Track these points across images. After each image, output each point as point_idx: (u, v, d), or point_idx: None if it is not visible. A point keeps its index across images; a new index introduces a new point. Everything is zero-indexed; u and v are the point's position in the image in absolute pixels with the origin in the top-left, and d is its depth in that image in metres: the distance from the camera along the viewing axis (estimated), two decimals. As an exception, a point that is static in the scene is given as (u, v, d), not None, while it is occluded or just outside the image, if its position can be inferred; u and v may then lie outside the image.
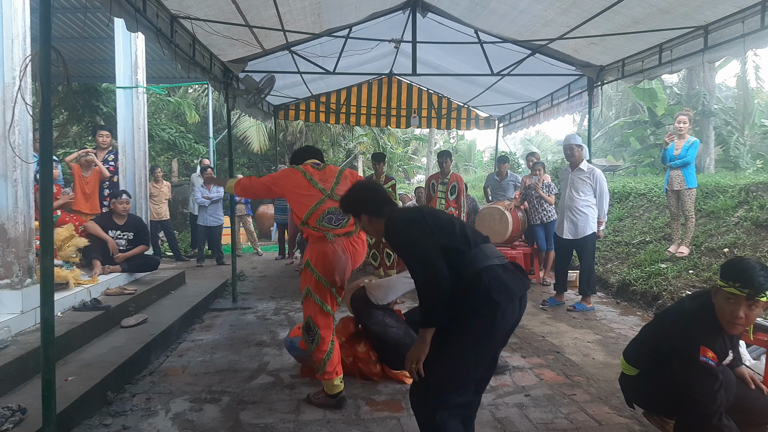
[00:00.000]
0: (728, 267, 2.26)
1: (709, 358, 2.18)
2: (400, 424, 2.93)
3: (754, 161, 18.00)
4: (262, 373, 3.75)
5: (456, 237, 2.18)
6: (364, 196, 2.46)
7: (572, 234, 5.49)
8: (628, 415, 2.99)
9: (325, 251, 3.06)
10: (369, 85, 9.43)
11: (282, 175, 3.28)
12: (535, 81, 7.14)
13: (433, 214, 2.27)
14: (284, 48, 5.92)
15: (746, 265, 2.19)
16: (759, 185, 6.74)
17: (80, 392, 2.98)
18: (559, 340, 4.50)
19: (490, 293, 2.06)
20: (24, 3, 3.81)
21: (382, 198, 2.42)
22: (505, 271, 2.16)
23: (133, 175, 6.29)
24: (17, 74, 3.63)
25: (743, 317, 2.19)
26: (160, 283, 5.62)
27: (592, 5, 4.52)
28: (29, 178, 3.90)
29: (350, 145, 19.29)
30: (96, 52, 8.19)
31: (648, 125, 18.04)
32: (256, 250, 10.36)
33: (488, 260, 2.14)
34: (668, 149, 6.22)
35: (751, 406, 2.41)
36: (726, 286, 2.20)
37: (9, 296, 3.65)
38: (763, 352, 3.18)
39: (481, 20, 5.68)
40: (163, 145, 13.11)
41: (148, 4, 3.75)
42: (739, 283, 2.16)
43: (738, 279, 2.17)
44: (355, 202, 2.47)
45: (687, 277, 5.57)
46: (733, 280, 2.18)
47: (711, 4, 4.12)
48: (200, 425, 2.94)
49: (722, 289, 2.22)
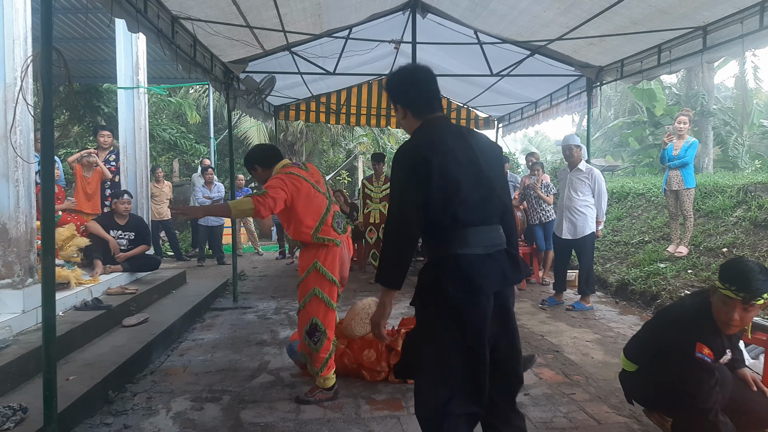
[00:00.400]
0: (727, 269, 2.25)
1: (705, 354, 2.20)
2: (400, 423, 2.94)
3: (753, 161, 18.04)
4: (262, 372, 3.77)
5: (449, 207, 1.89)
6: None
7: (571, 234, 5.51)
8: (627, 414, 3.01)
9: (335, 253, 3.14)
10: (369, 86, 9.44)
11: (293, 187, 2.98)
12: (535, 81, 7.15)
13: (445, 168, 1.89)
14: (285, 49, 5.94)
15: (744, 268, 2.19)
16: (757, 185, 6.76)
17: (81, 391, 2.99)
18: (558, 339, 4.52)
19: (446, 285, 1.87)
20: (25, 4, 3.83)
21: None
22: (484, 262, 1.91)
23: (135, 175, 6.31)
24: (19, 75, 3.64)
25: (738, 319, 2.20)
26: (161, 282, 5.63)
27: (592, 6, 4.54)
28: (31, 178, 3.91)
29: (350, 145, 19.30)
30: (97, 53, 8.21)
31: (647, 125, 18.07)
32: (257, 249, 10.38)
33: (464, 248, 1.90)
34: (667, 149, 6.24)
35: (752, 408, 2.40)
36: (723, 288, 2.20)
37: (10, 296, 3.66)
38: (762, 352, 3.19)
39: (480, 21, 5.70)
40: (164, 145, 13.13)
41: (149, 4, 3.76)
42: (736, 286, 2.16)
43: (735, 282, 2.17)
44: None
45: (686, 276, 5.59)
46: (730, 283, 2.18)
47: (710, 5, 4.14)
48: (201, 424, 2.95)
49: (719, 290, 2.23)
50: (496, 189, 2.01)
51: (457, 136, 2.02)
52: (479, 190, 1.95)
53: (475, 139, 2.06)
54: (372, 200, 7.22)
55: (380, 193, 7.19)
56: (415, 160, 1.90)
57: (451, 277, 1.89)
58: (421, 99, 2.08)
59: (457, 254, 1.90)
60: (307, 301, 3.13)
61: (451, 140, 1.98)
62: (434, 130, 2.02)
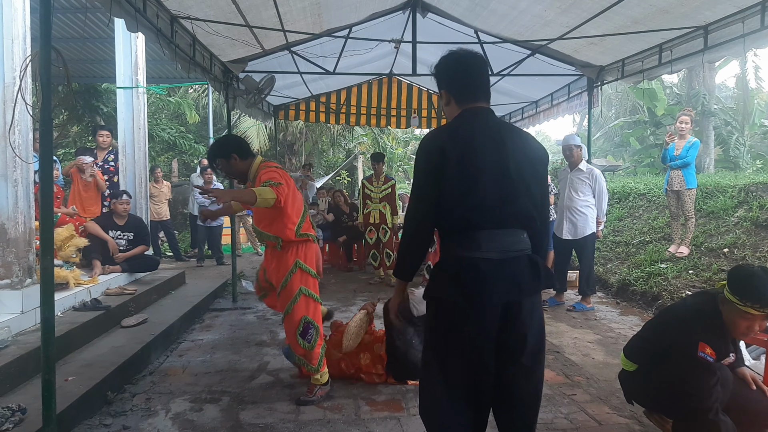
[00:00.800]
0: (741, 285, 2.20)
1: (707, 354, 2.19)
2: (400, 424, 2.93)
3: (754, 161, 18.04)
4: (262, 373, 3.76)
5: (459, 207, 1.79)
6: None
7: (571, 234, 5.49)
8: (628, 414, 2.99)
9: (314, 249, 3.22)
10: (369, 85, 9.43)
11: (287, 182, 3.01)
12: (535, 81, 7.14)
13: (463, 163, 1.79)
14: (284, 48, 5.92)
15: (759, 283, 2.16)
16: (759, 185, 6.75)
17: (80, 392, 2.98)
18: (558, 340, 4.50)
19: (448, 288, 1.80)
20: (24, 3, 3.81)
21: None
22: (496, 268, 1.77)
23: (134, 175, 6.30)
24: (17, 74, 3.63)
25: (758, 330, 2.23)
26: (160, 283, 5.62)
27: (592, 5, 4.52)
28: (29, 178, 3.90)
29: (350, 145, 19.31)
30: (96, 53, 8.19)
31: (648, 125, 18.06)
32: (256, 250, 10.37)
33: (474, 251, 1.78)
34: (669, 149, 6.22)
35: (752, 408, 2.40)
36: (742, 305, 2.17)
37: (9, 296, 3.65)
38: (763, 352, 3.19)
39: (481, 20, 5.68)
40: (164, 145, 13.13)
41: (148, 4, 3.75)
42: (759, 304, 2.14)
43: (756, 300, 2.14)
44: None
45: (687, 277, 5.58)
46: (751, 301, 2.15)
47: (711, 4, 4.12)
48: (200, 425, 2.94)
49: (737, 306, 2.19)
50: (520, 193, 1.85)
51: (492, 131, 1.88)
52: (499, 192, 1.81)
53: (513, 139, 1.90)
54: (372, 200, 7.20)
55: (380, 193, 7.17)
56: (432, 151, 1.82)
57: (454, 280, 1.79)
58: (466, 86, 1.96)
59: (464, 257, 1.80)
60: (294, 302, 3.09)
61: (481, 135, 1.85)
62: (467, 121, 1.90)
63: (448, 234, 1.86)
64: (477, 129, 1.87)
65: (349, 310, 5.55)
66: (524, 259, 1.84)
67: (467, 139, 1.84)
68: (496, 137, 1.87)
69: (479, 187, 1.79)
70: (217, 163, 3.17)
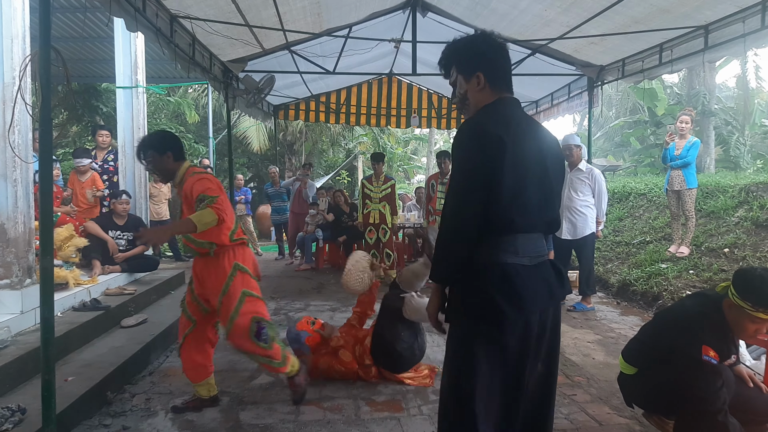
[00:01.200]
0: (752, 291, 2.17)
1: (711, 357, 2.19)
2: (401, 424, 2.92)
3: (755, 161, 18.03)
4: (261, 373, 3.75)
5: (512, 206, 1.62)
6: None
7: (571, 234, 5.49)
8: (628, 415, 2.99)
9: (249, 252, 3.17)
10: (369, 85, 9.43)
11: (219, 188, 2.91)
12: (535, 81, 7.13)
13: (518, 156, 1.62)
14: (284, 48, 5.93)
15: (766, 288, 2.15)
16: (759, 185, 6.75)
17: (80, 392, 2.97)
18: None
19: (494, 297, 1.62)
20: (23, 2, 3.80)
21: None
22: (531, 275, 1.67)
23: (133, 175, 6.29)
24: (17, 74, 3.62)
25: (765, 332, 2.22)
26: (159, 283, 5.61)
27: (593, 5, 4.52)
28: (29, 178, 3.89)
29: (350, 145, 19.31)
30: (96, 52, 8.19)
31: (648, 125, 18.07)
32: (256, 250, 10.36)
33: (513, 256, 1.66)
34: (669, 149, 6.22)
35: (750, 405, 2.41)
36: (753, 310, 2.15)
37: (9, 296, 3.65)
38: (763, 352, 3.18)
39: (481, 20, 5.68)
40: (163, 145, 13.08)
41: (147, 3, 3.75)
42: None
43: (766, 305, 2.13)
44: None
45: (687, 277, 5.57)
46: (764, 306, 2.13)
47: (711, 4, 4.12)
48: (200, 425, 2.93)
49: (747, 311, 2.17)
50: (555, 195, 1.76)
51: (529, 124, 1.73)
52: (540, 194, 1.69)
53: (545, 136, 1.78)
54: (371, 200, 7.19)
55: (380, 193, 7.17)
56: (487, 139, 1.59)
57: (500, 289, 1.63)
58: (503, 71, 1.78)
59: (505, 262, 1.65)
60: (239, 307, 2.96)
61: (524, 128, 1.68)
62: (507, 110, 1.71)
63: (486, 236, 1.66)
64: (521, 120, 1.71)
65: (349, 310, 5.54)
66: (548, 264, 1.77)
67: (519, 131, 1.65)
68: (535, 132, 1.74)
69: (528, 185, 1.65)
70: (147, 155, 3.00)
